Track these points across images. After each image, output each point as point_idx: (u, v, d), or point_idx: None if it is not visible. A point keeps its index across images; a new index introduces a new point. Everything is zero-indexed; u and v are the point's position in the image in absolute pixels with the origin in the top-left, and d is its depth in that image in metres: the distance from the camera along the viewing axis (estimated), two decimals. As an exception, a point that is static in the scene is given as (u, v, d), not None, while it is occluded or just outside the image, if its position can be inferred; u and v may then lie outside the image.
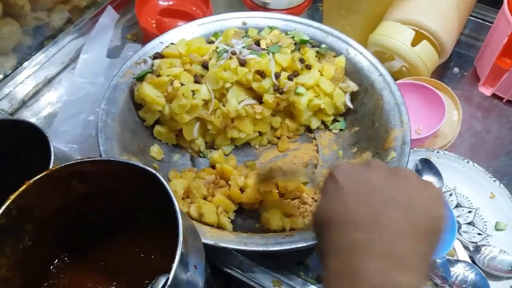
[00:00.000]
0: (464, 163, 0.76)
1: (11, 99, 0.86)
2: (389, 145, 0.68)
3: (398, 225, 0.35)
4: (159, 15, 0.97)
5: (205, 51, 0.76)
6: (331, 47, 0.80)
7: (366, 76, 0.76)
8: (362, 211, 0.37)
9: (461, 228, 0.72)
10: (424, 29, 0.81)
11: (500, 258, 0.67)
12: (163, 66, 0.74)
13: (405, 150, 0.66)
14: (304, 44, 0.79)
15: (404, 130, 0.68)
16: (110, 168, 0.45)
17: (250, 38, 0.78)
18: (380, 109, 0.73)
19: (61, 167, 0.43)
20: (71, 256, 0.53)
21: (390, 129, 0.70)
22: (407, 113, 0.70)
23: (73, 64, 0.93)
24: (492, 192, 0.73)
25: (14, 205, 0.42)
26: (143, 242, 0.55)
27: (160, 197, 0.43)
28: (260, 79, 0.73)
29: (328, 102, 0.77)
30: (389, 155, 0.67)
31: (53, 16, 0.90)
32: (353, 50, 0.79)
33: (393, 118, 0.71)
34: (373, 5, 0.87)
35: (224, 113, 0.73)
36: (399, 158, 0.66)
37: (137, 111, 0.75)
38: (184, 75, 0.73)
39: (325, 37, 0.81)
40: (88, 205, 0.51)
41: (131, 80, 0.75)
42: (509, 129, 0.87)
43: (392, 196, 0.37)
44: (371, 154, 0.71)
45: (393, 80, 0.74)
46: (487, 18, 0.98)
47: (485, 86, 0.90)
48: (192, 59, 0.75)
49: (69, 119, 0.83)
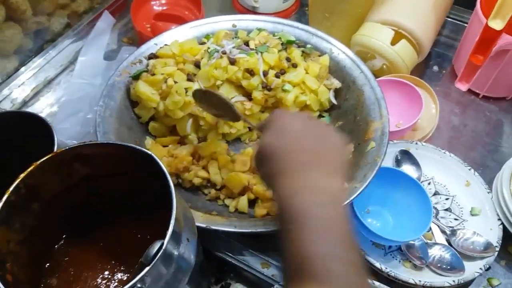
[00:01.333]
0: (441, 153, 0.80)
1: (13, 100, 0.90)
2: (369, 136, 0.73)
3: (328, 152, 0.52)
4: (153, 19, 1.01)
5: (197, 51, 0.81)
6: (316, 47, 0.85)
7: (348, 74, 0.81)
8: (304, 142, 0.52)
9: (439, 214, 0.76)
10: (402, 29, 0.87)
11: (473, 239, 0.71)
12: (158, 65, 0.79)
13: (384, 140, 0.70)
14: (290, 45, 0.83)
15: (383, 122, 0.73)
16: (110, 151, 0.49)
17: (239, 39, 0.82)
18: (361, 103, 0.77)
19: (65, 149, 0.48)
20: (74, 237, 0.57)
21: (370, 122, 0.74)
22: (386, 106, 0.75)
23: (71, 66, 0.98)
24: (468, 180, 0.78)
25: (23, 184, 0.46)
26: (142, 224, 0.59)
27: (156, 178, 0.47)
28: (249, 77, 0.78)
29: (313, 99, 0.81)
30: (369, 145, 0.71)
31: (53, 21, 0.95)
32: (336, 49, 0.84)
33: (373, 112, 0.75)
34: (355, 7, 0.92)
35: None
36: (378, 147, 0.70)
37: (133, 108, 0.80)
38: (177, 74, 0.77)
39: (310, 37, 0.86)
40: (90, 187, 0.55)
41: (127, 79, 0.79)
42: (485, 122, 0.92)
43: (322, 134, 0.54)
44: (353, 146, 0.75)
45: (373, 77, 0.79)
46: (464, 19, 1.04)
47: (461, 82, 0.95)
48: (185, 58, 0.80)
49: (69, 117, 0.87)
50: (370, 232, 0.67)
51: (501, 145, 0.88)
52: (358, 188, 0.65)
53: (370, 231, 0.67)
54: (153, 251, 0.42)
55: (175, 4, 1.05)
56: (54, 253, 0.56)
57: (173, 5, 1.05)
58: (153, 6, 1.05)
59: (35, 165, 0.47)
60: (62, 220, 0.55)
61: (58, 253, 0.56)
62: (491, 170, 0.83)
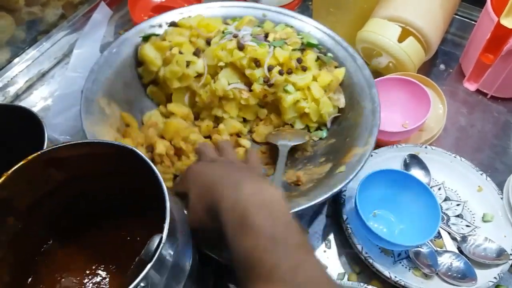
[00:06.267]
0: (451, 157, 0.77)
1: (5, 93, 0.87)
2: (345, 160, 0.67)
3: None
4: (151, 11, 0.98)
5: (213, 28, 0.80)
6: (336, 56, 0.81)
7: (357, 93, 0.76)
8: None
9: (449, 221, 0.74)
10: (410, 26, 0.84)
11: (485, 246, 0.68)
12: (172, 33, 0.78)
13: (356, 168, 0.65)
14: (310, 47, 0.80)
15: (365, 150, 0.67)
16: (88, 151, 0.45)
17: (260, 28, 0.80)
18: (356, 126, 0.72)
19: (36, 155, 0.43)
20: (61, 240, 0.54)
21: (354, 146, 0.69)
22: (376, 135, 0.69)
23: (66, 59, 0.95)
24: (480, 186, 0.75)
25: None
26: (130, 226, 0.56)
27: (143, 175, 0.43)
28: (254, 67, 0.75)
29: (313, 108, 0.76)
30: (338, 169, 0.66)
31: (47, 11, 0.91)
32: (355, 65, 0.79)
33: (361, 137, 0.70)
34: (360, 2, 0.89)
35: (212, 90, 0.75)
36: (345, 173, 0.65)
37: (138, 67, 0.80)
38: (185, 45, 0.77)
39: (334, 45, 0.81)
40: (72, 191, 0.51)
41: (140, 38, 0.80)
42: (493, 123, 0.89)
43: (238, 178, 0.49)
44: (330, 166, 0.70)
45: (378, 102, 0.73)
46: (472, 17, 1.01)
47: (470, 82, 0.93)
48: (198, 33, 0.78)
49: (62, 112, 0.83)
50: (374, 235, 0.64)
51: (510, 147, 0.85)
52: (302, 205, 0.61)
53: (374, 234, 0.64)
54: (153, 245, 0.39)
55: (174, -4, 1.02)
56: (40, 256, 0.53)
57: (172, -3, 1.02)
58: (151, -2, 1.01)
59: (6, 175, 0.42)
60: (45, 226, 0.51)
61: (44, 256, 0.53)
62: (500, 173, 0.80)
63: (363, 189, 0.68)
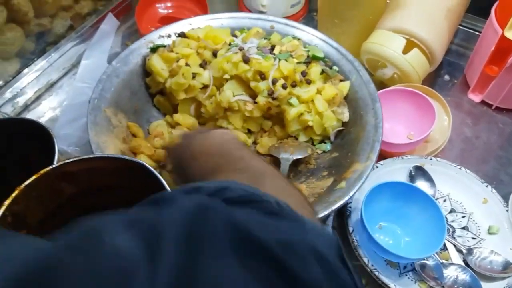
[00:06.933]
0: (456, 169, 0.78)
1: (14, 103, 0.88)
2: (346, 176, 0.68)
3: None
4: (158, 22, 0.99)
5: (220, 40, 0.81)
6: (342, 70, 0.81)
7: (360, 107, 0.77)
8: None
9: (455, 233, 0.74)
10: (415, 37, 0.84)
11: (490, 258, 0.69)
12: (180, 44, 0.79)
13: (356, 185, 0.65)
14: (316, 60, 0.81)
15: (365, 166, 0.67)
16: (97, 165, 0.46)
17: (266, 41, 0.81)
18: (358, 141, 0.73)
19: (48, 170, 0.44)
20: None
21: (355, 162, 0.69)
22: (378, 151, 0.69)
23: (74, 70, 0.96)
24: (485, 197, 0.75)
25: (9, 212, 0.43)
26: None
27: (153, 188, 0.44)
28: (259, 79, 0.75)
29: (317, 121, 0.77)
30: (339, 184, 0.67)
31: (56, 23, 0.92)
32: (360, 79, 0.79)
33: (363, 153, 0.70)
34: (365, 14, 0.89)
35: (217, 102, 0.76)
36: (345, 190, 0.65)
37: (146, 77, 0.81)
38: (192, 57, 0.78)
39: (340, 58, 0.82)
40: (82, 204, 0.51)
41: (148, 48, 0.81)
42: (498, 135, 0.89)
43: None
44: (332, 180, 0.71)
45: (381, 117, 0.73)
46: (476, 28, 1.01)
47: (475, 93, 0.93)
48: (205, 44, 0.79)
49: (71, 123, 0.84)
50: (380, 248, 0.65)
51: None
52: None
53: (380, 247, 0.64)
54: None
55: (180, 7, 1.03)
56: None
57: (178, 8, 1.03)
58: (158, 9, 1.03)
59: (19, 190, 0.43)
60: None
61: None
62: (505, 185, 0.80)
63: (368, 201, 0.68)
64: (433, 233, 0.67)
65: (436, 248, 0.65)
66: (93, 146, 0.65)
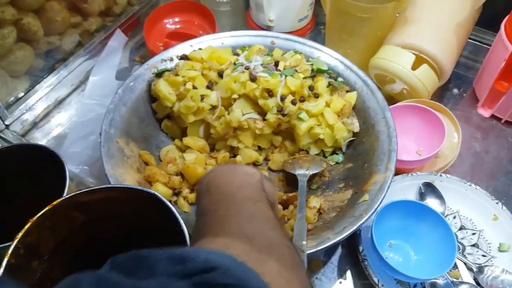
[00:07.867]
0: (466, 186, 0.77)
1: (23, 121, 0.88)
2: (367, 188, 0.68)
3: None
4: (166, 38, 0.99)
5: (224, 60, 0.81)
6: (347, 81, 0.82)
7: (370, 116, 0.77)
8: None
9: (465, 250, 0.73)
10: (424, 53, 0.84)
11: (502, 277, 0.68)
12: (184, 67, 0.79)
13: (379, 196, 0.65)
14: (321, 73, 0.81)
15: (386, 176, 0.68)
16: (109, 195, 0.47)
17: (270, 57, 0.81)
18: (374, 151, 0.73)
19: (61, 201, 0.44)
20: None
21: (374, 173, 0.70)
22: (396, 161, 0.70)
23: (82, 86, 0.96)
24: (495, 214, 0.75)
25: (21, 244, 0.43)
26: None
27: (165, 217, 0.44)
28: (267, 97, 0.76)
29: (328, 134, 0.77)
30: (362, 197, 0.67)
31: (65, 40, 0.92)
32: (367, 88, 0.79)
33: (380, 163, 0.70)
34: (374, 29, 0.89)
35: (227, 122, 0.76)
36: (370, 202, 0.65)
37: (152, 103, 0.81)
38: (199, 79, 0.77)
39: (344, 70, 0.82)
40: (93, 231, 0.52)
41: (152, 74, 0.81)
42: (507, 149, 0.89)
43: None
44: (351, 193, 0.71)
45: (393, 126, 0.74)
46: (485, 41, 1.01)
47: (484, 108, 0.93)
48: (210, 66, 0.79)
49: (79, 141, 0.85)
50: (390, 268, 0.64)
51: (525, 174, 0.85)
52: (331, 239, 0.61)
53: (390, 267, 0.64)
54: None
55: (188, 23, 1.03)
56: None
57: (186, 24, 1.03)
58: (166, 25, 1.03)
59: (32, 221, 0.43)
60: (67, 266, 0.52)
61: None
62: (516, 201, 0.80)
63: (379, 220, 0.68)
64: (443, 251, 0.66)
65: (446, 269, 0.64)
66: (111, 180, 0.64)
